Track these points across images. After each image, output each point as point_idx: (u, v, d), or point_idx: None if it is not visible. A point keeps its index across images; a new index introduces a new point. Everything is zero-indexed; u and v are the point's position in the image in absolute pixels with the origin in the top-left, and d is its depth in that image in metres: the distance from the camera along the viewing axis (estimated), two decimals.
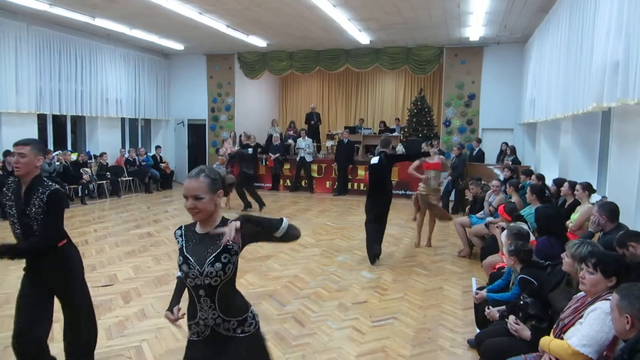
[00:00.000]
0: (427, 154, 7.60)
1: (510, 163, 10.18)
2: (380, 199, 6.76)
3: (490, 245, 5.69)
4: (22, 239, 3.10)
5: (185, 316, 2.28)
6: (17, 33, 10.28)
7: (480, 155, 11.99)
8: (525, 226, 4.48)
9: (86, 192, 11.42)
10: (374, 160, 6.83)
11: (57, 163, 10.91)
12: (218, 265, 2.12)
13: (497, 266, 4.64)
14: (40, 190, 3.04)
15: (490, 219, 6.38)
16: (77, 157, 11.74)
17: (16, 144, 3.12)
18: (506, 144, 11.83)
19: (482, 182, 7.62)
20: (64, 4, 9.45)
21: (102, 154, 12.39)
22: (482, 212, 6.97)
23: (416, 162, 7.66)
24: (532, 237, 4.53)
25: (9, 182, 3.20)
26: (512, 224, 4.59)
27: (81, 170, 11.46)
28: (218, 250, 2.14)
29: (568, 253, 3.07)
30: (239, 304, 2.27)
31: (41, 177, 3.13)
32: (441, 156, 7.76)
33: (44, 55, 11.04)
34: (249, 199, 10.63)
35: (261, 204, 10.60)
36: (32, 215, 3.04)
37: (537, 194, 5.69)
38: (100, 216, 9.98)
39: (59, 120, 12.36)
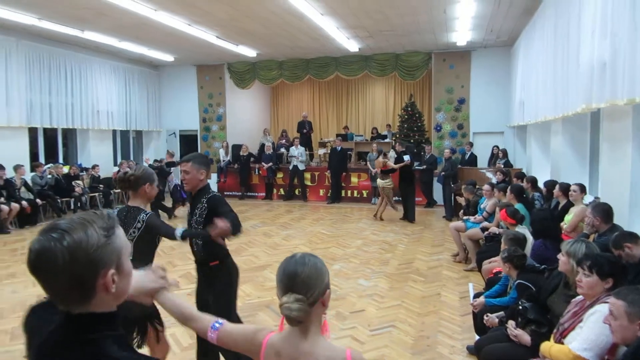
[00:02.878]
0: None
1: (503, 166, 10.20)
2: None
3: (485, 250, 5.66)
4: (196, 247, 3.25)
5: None
6: (6, 48, 10.21)
7: (473, 159, 12.00)
8: (523, 230, 4.44)
9: (78, 205, 11.28)
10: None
11: (49, 176, 10.79)
12: None
13: (494, 271, 4.60)
14: (203, 199, 3.18)
15: (485, 223, 6.36)
16: (68, 170, 11.61)
17: (179, 162, 3.36)
18: (497, 147, 11.86)
19: (477, 187, 7.60)
20: (53, 18, 9.37)
21: (94, 166, 12.27)
22: (476, 215, 6.95)
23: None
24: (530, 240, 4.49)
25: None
26: (508, 229, 4.55)
27: (73, 183, 11.33)
28: None
29: (563, 251, 3.04)
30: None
31: (206, 188, 3.25)
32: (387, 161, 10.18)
33: (34, 68, 10.94)
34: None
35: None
36: (192, 224, 3.19)
37: (516, 194, 5.76)
38: None
39: (50, 133, 12.24)
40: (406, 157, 10.07)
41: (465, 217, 7.14)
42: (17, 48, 10.44)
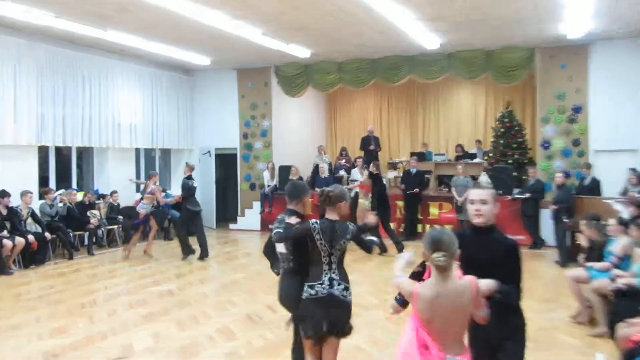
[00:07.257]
0: None
1: (637, 195, 9.64)
2: None
3: (620, 310, 5.30)
4: None
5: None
6: (17, 51, 10.83)
7: (595, 186, 11.47)
8: None
9: (94, 240, 11.66)
10: None
11: (61, 204, 11.21)
12: None
13: (635, 339, 4.26)
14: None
15: (617, 271, 5.99)
16: (83, 197, 12.07)
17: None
18: (635, 169, 11.16)
19: (602, 223, 7.20)
20: (71, 15, 9.89)
21: (112, 193, 12.70)
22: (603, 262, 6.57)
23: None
24: None
25: None
26: None
27: (88, 213, 11.77)
28: None
29: None
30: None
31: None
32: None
33: (47, 76, 11.54)
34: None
35: (189, 251, 10.97)
36: None
37: None
38: (110, 270, 10.14)
39: (63, 153, 12.83)
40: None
41: (588, 264, 6.76)
42: (28, 51, 11.05)
